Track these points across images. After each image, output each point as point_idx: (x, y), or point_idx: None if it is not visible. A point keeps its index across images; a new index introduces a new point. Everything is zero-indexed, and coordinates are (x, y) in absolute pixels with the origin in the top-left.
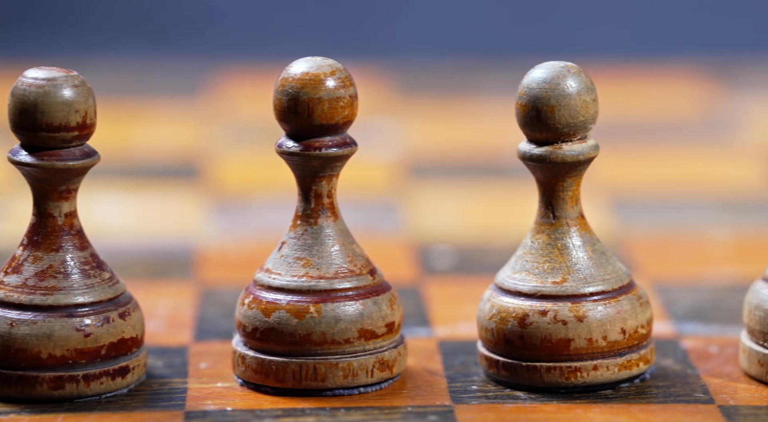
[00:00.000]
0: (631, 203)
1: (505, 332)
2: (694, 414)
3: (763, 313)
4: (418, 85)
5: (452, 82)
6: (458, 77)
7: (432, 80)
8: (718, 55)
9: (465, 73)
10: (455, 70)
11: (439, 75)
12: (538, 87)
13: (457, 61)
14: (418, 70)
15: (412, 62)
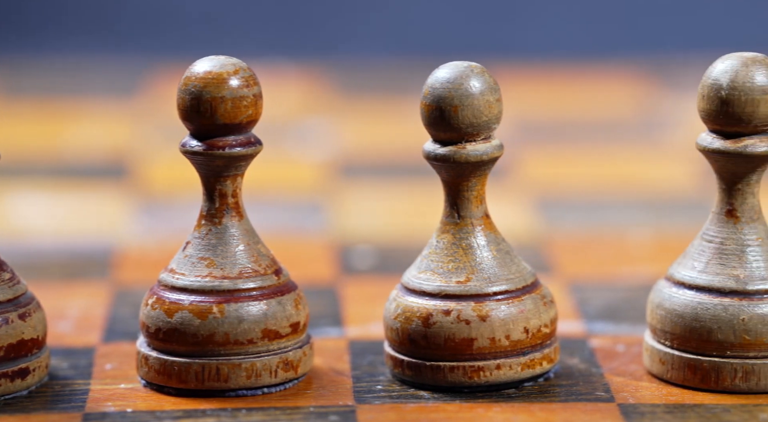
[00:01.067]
0: (557, 203)
1: (410, 332)
2: (594, 412)
3: (664, 312)
4: (359, 85)
5: (394, 81)
6: (401, 77)
7: (374, 80)
8: (655, 55)
9: (408, 73)
10: (398, 70)
11: (382, 74)
12: (442, 87)
13: (401, 61)
14: (362, 69)
15: (357, 61)
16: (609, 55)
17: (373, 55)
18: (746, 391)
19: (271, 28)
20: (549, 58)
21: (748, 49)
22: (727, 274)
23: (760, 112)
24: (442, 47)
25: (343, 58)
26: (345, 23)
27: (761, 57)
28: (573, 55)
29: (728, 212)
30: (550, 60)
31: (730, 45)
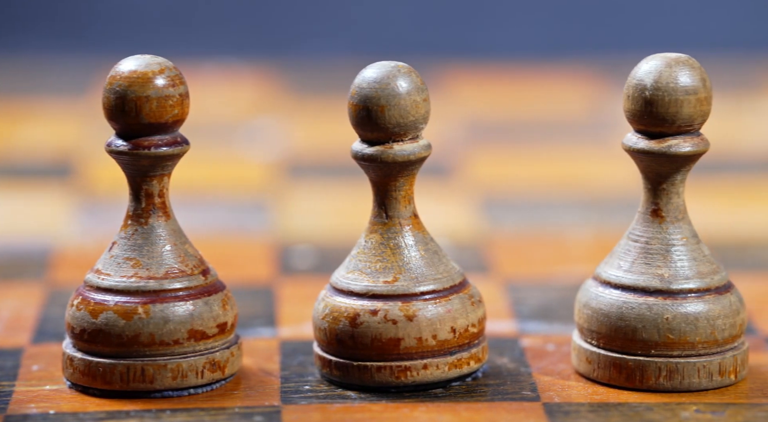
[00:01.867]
0: (502, 202)
1: (337, 332)
2: (518, 411)
3: (591, 311)
4: (312, 85)
5: (348, 81)
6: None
7: (327, 79)
8: (607, 55)
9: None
10: (352, 70)
11: (336, 74)
12: (369, 87)
13: (355, 61)
14: (316, 69)
15: (311, 61)
16: (562, 56)
17: (327, 55)
18: (670, 390)
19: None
20: (503, 58)
21: (701, 50)
22: (652, 274)
23: (683, 112)
24: (396, 47)
25: (298, 57)
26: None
27: (685, 58)
28: (526, 56)
29: (653, 212)
30: (504, 60)
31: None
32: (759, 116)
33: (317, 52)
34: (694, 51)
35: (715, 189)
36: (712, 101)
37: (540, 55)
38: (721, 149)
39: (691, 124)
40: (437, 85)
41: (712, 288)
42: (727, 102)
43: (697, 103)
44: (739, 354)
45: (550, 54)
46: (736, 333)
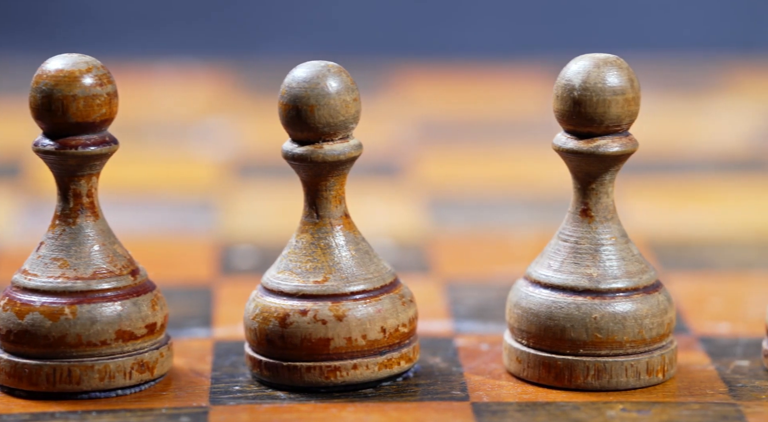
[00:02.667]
0: (449, 202)
1: (267, 332)
2: (446, 411)
3: (521, 311)
4: (267, 85)
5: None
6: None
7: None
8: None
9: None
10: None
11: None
12: (299, 86)
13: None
14: (271, 69)
15: (266, 61)
16: (515, 56)
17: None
18: (598, 389)
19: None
20: (458, 58)
21: (657, 51)
22: (580, 273)
23: (611, 112)
24: (352, 47)
25: (255, 58)
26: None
27: (613, 58)
28: (481, 56)
29: (583, 212)
30: (459, 60)
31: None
32: (713, 116)
33: (274, 53)
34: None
35: (663, 188)
36: (640, 101)
37: (494, 55)
38: (673, 149)
39: (619, 124)
40: (391, 85)
41: (640, 287)
42: (682, 102)
43: (624, 104)
44: (667, 353)
45: (505, 54)
46: (664, 332)
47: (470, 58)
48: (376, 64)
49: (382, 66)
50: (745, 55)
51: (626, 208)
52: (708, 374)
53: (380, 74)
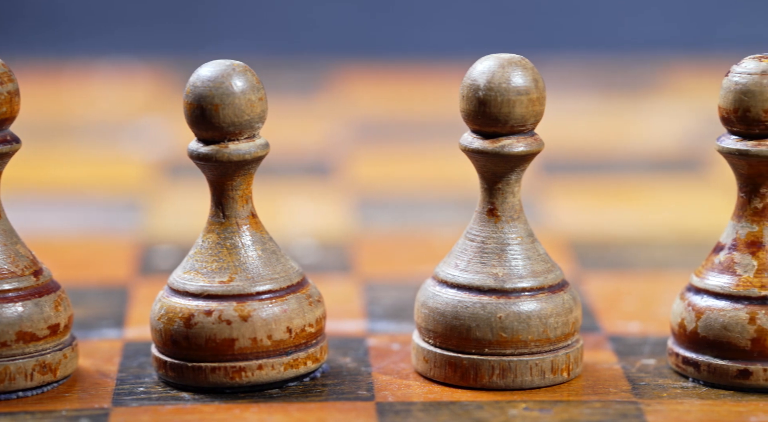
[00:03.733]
0: (376, 202)
1: (172, 332)
2: (349, 411)
3: (428, 310)
4: None
5: None
6: None
7: None
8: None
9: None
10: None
11: None
12: (203, 85)
13: (254, 60)
14: None
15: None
16: (454, 57)
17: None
18: (503, 388)
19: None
20: (398, 58)
21: (596, 51)
22: (486, 273)
23: (516, 112)
24: (294, 47)
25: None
26: (203, 23)
27: (518, 58)
28: (422, 56)
29: (489, 211)
30: (399, 60)
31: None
32: (649, 117)
33: (218, 53)
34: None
35: (592, 188)
36: (545, 101)
37: (433, 55)
38: (607, 149)
39: (524, 124)
40: (331, 85)
41: (545, 287)
42: (620, 102)
43: (529, 104)
44: (573, 352)
45: (443, 55)
46: (569, 331)
47: (410, 58)
48: (316, 63)
49: (324, 66)
50: (686, 55)
51: (553, 207)
52: (613, 373)
53: (321, 74)
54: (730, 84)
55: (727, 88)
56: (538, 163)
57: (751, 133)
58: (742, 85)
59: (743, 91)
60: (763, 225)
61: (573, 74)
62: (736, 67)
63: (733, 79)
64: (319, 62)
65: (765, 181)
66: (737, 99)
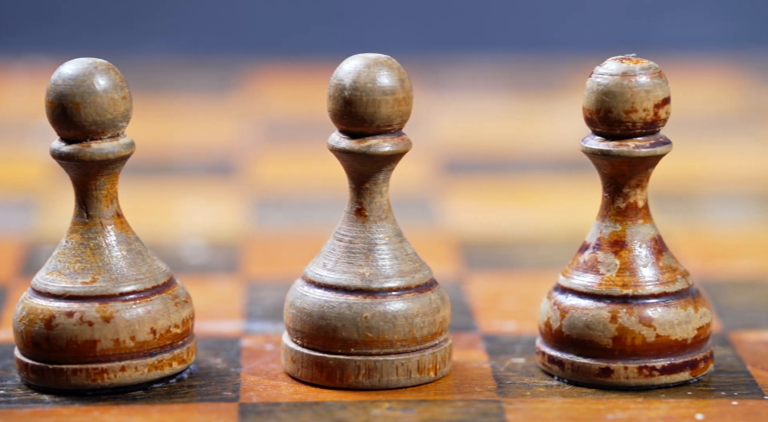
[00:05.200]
0: (275, 202)
1: (33, 334)
2: (211, 413)
3: (296, 310)
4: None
5: (160, 81)
6: (169, 76)
7: (139, 79)
8: (422, 55)
9: (175, 71)
10: (168, 67)
11: (149, 74)
12: (65, 84)
13: (174, 60)
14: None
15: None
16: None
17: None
18: (369, 388)
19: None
20: (311, 58)
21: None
22: (353, 273)
23: (381, 112)
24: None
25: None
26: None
27: (384, 58)
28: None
29: (357, 211)
30: (312, 60)
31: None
32: (553, 117)
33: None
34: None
35: (489, 188)
36: (411, 102)
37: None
38: (509, 149)
39: (390, 124)
40: (243, 84)
41: (412, 286)
42: (528, 102)
43: (395, 104)
44: (440, 352)
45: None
46: (436, 330)
47: (323, 58)
48: (231, 63)
49: (238, 65)
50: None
51: (449, 207)
52: (482, 372)
53: (235, 73)
54: (592, 85)
55: (589, 88)
56: (441, 162)
57: (613, 134)
58: (604, 86)
59: (605, 91)
60: (626, 224)
61: (485, 74)
62: (599, 68)
63: (595, 80)
64: (233, 62)
65: (627, 181)
66: (599, 100)
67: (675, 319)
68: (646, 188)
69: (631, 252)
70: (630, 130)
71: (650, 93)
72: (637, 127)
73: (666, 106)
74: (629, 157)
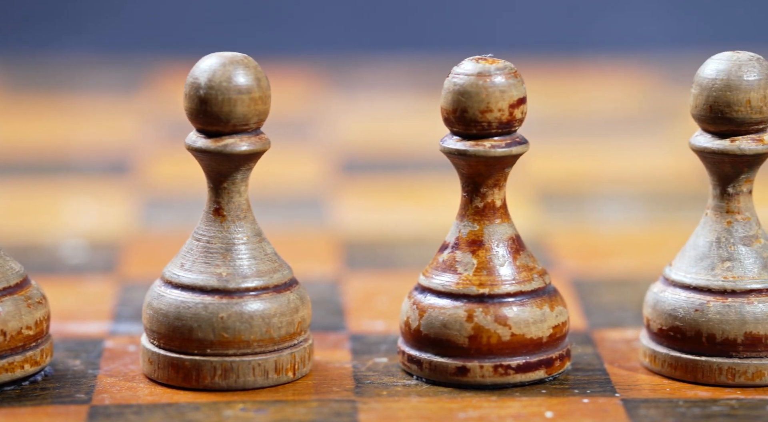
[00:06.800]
0: (166, 201)
1: None
2: (59, 416)
3: (152, 311)
4: (28, 82)
5: (68, 78)
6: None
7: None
8: (326, 54)
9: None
10: (77, 66)
11: (59, 71)
12: None
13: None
14: (36, 66)
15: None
16: (282, 55)
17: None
18: (226, 388)
19: None
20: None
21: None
22: (210, 273)
23: (237, 111)
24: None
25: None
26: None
27: (241, 57)
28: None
29: (215, 211)
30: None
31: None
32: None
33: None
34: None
35: (384, 188)
36: (269, 101)
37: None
38: (410, 149)
39: (246, 123)
40: (150, 84)
41: (270, 286)
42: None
43: (251, 103)
44: (299, 352)
45: (268, 54)
46: (295, 331)
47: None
48: (139, 62)
49: (145, 64)
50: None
51: (339, 207)
52: (343, 372)
53: (141, 73)
54: (449, 85)
55: (446, 88)
56: (339, 162)
57: (470, 134)
58: (460, 86)
59: (460, 91)
60: (484, 224)
61: (396, 74)
62: (456, 68)
63: (452, 80)
64: (142, 61)
65: (485, 181)
66: (455, 99)
67: (530, 318)
68: (504, 188)
69: (488, 251)
70: (486, 129)
71: (505, 93)
72: (493, 126)
73: (522, 106)
74: (485, 156)
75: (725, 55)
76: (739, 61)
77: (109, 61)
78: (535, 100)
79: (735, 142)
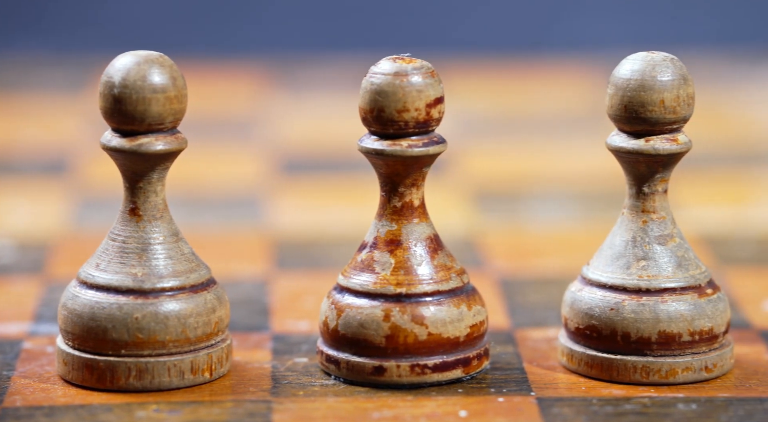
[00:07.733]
0: (102, 200)
1: None
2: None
3: (67, 312)
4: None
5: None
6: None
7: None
8: (276, 53)
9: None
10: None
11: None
12: None
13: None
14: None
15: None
16: (230, 54)
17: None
18: (141, 389)
19: None
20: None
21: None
22: (126, 273)
23: (152, 110)
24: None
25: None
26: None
27: (156, 55)
28: (199, 53)
29: (131, 211)
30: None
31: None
32: None
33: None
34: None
35: (326, 188)
36: (185, 100)
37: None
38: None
39: (162, 122)
40: (95, 83)
41: (186, 286)
42: None
43: (166, 102)
44: (216, 352)
45: (218, 52)
46: (212, 331)
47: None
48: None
49: (93, 64)
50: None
51: (277, 207)
52: (261, 372)
53: (89, 72)
54: (366, 84)
55: (364, 88)
56: (279, 162)
57: (387, 133)
58: (377, 86)
59: (378, 91)
60: (402, 223)
61: (340, 75)
62: (373, 67)
63: (369, 80)
64: (90, 60)
65: (403, 181)
66: (372, 99)
67: (447, 317)
68: (422, 187)
69: (406, 251)
70: (403, 129)
71: (422, 92)
72: (410, 126)
73: (439, 106)
74: (402, 156)
75: (640, 55)
76: (653, 62)
77: (58, 60)
78: (484, 100)
79: (649, 142)
